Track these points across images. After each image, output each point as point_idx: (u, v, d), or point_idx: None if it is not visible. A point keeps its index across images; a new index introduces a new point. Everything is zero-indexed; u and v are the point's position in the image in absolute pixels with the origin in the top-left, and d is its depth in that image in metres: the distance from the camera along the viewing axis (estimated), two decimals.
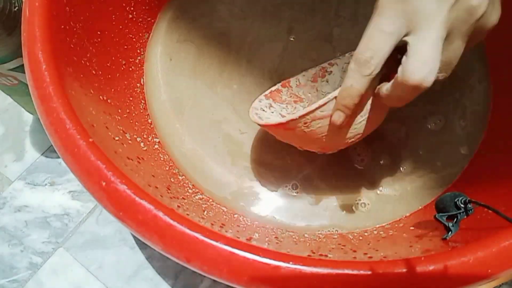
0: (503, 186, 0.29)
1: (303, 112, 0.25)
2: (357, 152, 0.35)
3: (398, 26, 0.21)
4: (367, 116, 0.25)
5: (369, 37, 0.21)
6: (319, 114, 0.25)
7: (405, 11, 0.20)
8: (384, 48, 0.21)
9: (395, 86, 0.22)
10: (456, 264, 0.20)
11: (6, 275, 0.41)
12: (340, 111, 0.23)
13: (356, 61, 0.22)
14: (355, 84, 0.22)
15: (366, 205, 0.33)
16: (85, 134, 0.23)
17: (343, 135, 0.26)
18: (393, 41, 0.21)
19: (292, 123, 0.26)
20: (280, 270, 0.19)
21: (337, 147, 0.28)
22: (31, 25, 0.26)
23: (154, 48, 0.40)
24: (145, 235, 0.21)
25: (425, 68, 0.20)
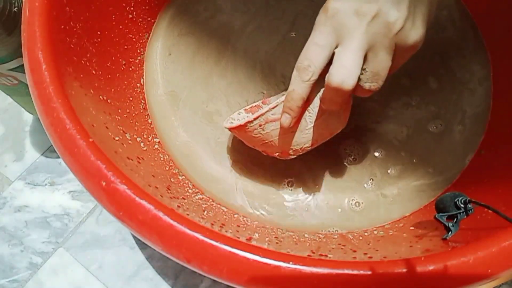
0: (503, 186, 0.29)
1: (256, 114, 0.27)
2: (351, 152, 0.35)
3: (329, 40, 0.24)
4: (317, 122, 0.28)
5: (307, 49, 0.25)
6: (271, 116, 0.27)
7: (334, 27, 0.24)
8: (319, 58, 0.24)
9: (324, 90, 0.25)
10: (456, 264, 0.20)
11: (6, 275, 0.41)
12: (286, 113, 0.26)
13: (297, 68, 0.25)
14: (296, 88, 0.25)
15: (360, 204, 0.33)
16: (85, 134, 0.23)
17: (297, 140, 0.29)
18: (326, 52, 0.24)
19: (249, 125, 0.28)
20: (280, 270, 0.19)
21: (294, 152, 0.30)
22: (31, 25, 0.26)
23: (155, 43, 0.40)
24: (145, 235, 0.21)
25: (344, 72, 0.23)
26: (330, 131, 0.29)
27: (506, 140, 0.33)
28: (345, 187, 0.34)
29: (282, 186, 0.34)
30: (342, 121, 0.29)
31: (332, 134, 0.30)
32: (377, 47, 0.23)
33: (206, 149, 0.36)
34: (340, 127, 0.30)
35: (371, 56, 0.24)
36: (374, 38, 0.23)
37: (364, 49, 0.23)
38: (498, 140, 0.34)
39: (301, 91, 0.25)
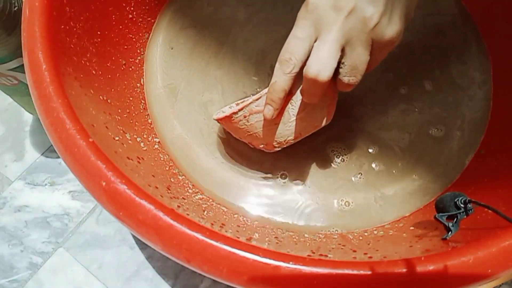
0: (503, 186, 0.29)
1: (241, 106, 0.28)
2: (349, 153, 0.35)
3: (309, 33, 0.25)
4: (300, 116, 0.28)
5: (288, 42, 0.25)
6: (255, 108, 0.28)
7: (313, 21, 0.24)
8: (300, 51, 0.25)
9: (303, 81, 0.25)
10: (456, 264, 0.20)
11: (6, 275, 0.41)
12: (269, 105, 0.27)
13: (279, 61, 0.26)
14: (278, 80, 0.26)
15: (350, 204, 0.33)
16: (85, 134, 0.23)
17: (281, 132, 0.29)
18: (306, 45, 0.25)
19: (234, 116, 0.29)
20: (280, 270, 0.19)
21: (279, 145, 0.30)
22: (31, 25, 0.26)
23: (156, 38, 0.40)
24: (145, 235, 0.21)
25: (319, 63, 0.24)
26: (314, 125, 0.30)
27: (506, 140, 0.33)
28: (343, 187, 0.34)
29: (273, 181, 0.34)
30: (326, 116, 0.30)
31: (315, 128, 0.30)
32: (354, 41, 0.24)
33: (199, 141, 0.36)
34: (324, 122, 0.30)
35: (349, 51, 0.24)
36: (351, 33, 0.24)
37: (340, 42, 0.24)
38: (498, 140, 0.34)
39: (283, 83, 0.26)
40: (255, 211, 0.33)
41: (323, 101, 0.29)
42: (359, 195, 0.33)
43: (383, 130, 0.35)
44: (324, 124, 0.30)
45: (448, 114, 0.36)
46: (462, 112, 0.36)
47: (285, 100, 0.27)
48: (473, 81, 0.37)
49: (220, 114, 0.31)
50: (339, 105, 0.31)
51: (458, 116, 0.36)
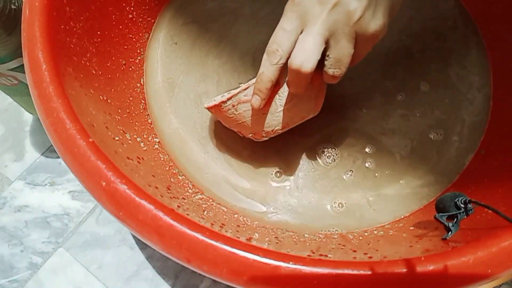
0: (503, 186, 0.29)
1: (229, 95, 0.29)
2: (348, 153, 0.35)
3: (295, 25, 0.25)
4: (287, 106, 0.29)
5: (275, 34, 0.26)
6: (243, 98, 0.29)
7: (299, 14, 0.25)
8: (286, 42, 0.25)
9: (288, 72, 0.26)
10: (456, 264, 0.20)
11: (6, 275, 0.41)
12: (256, 94, 0.28)
13: (267, 52, 0.26)
14: (265, 71, 0.27)
15: (343, 205, 0.33)
16: (85, 134, 0.23)
17: (268, 122, 0.30)
18: (292, 36, 0.25)
19: (223, 104, 0.30)
20: (280, 270, 0.19)
21: (266, 134, 0.31)
22: (31, 25, 0.26)
23: (158, 33, 0.41)
24: (145, 235, 0.21)
25: (302, 55, 0.25)
26: (301, 116, 0.30)
27: (506, 140, 0.33)
28: (337, 187, 0.34)
29: (267, 177, 0.34)
30: (313, 107, 0.30)
31: (303, 119, 0.31)
32: (338, 34, 0.25)
33: (193, 135, 0.36)
34: (312, 113, 0.31)
35: (333, 43, 0.25)
36: (335, 26, 0.24)
37: (324, 35, 0.25)
38: (498, 140, 0.34)
39: (270, 74, 0.27)
40: (244, 207, 0.33)
41: (310, 93, 0.29)
42: (366, 195, 0.33)
43: (381, 134, 0.35)
44: (311, 116, 0.31)
45: (448, 117, 0.36)
46: (462, 116, 0.36)
47: (273, 91, 0.28)
48: (472, 85, 0.37)
49: (210, 102, 0.32)
50: (335, 107, 0.31)
51: (457, 120, 0.36)
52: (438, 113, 0.36)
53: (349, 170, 0.34)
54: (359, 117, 0.36)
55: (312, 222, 0.33)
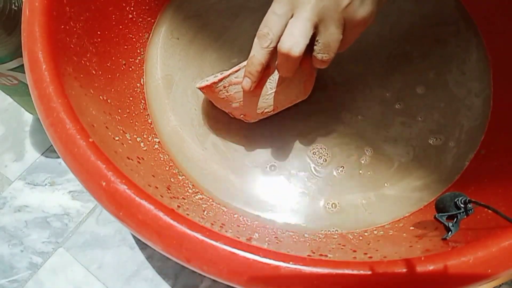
0: (503, 186, 0.29)
1: (221, 76, 0.30)
2: (350, 153, 0.35)
3: (286, 10, 0.26)
4: (276, 90, 0.30)
5: (266, 18, 0.27)
6: (234, 79, 0.30)
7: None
8: (277, 26, 0.26)
9: (277, 56, 0.27)
10: (456, 264, 0.20)
11: (6, 275, 0.41)
12: (247, 77, 0.28)
13: (257, 36, 0.27)
14: (256, 54, 0.27)
15: (336, 206, 0.33)
16: (85, 134, 0.23)
17: (258, 104, 0.31)
18: (283, 21, 0.26)
19: (214, 85, 0.30)
20: (280, 270, 0.19)
21: (256, 116, 0.32)
22: (31, 25, 0.26)
23: (159, 29, 0.41)
24: (145, 235, 0.21)
25: (291, 39, 0.25)
26: (290, 100, 0.32)
27: (506, 140, 0.33)
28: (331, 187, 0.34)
29: (263, 173, 0.34)
30: (303, 91, 0.31)
31: (292, 102, 0.32)
32: (327, 20, 0.25)
33: (190, 132, 0.36)
34: (301, 97, 0.32)
35: (322, 29, 0.26)
36: (324, 12, 0.25)
37: (313, 20, 0.25)
38: (498, 140, 0.34)
39: (260, 57, 0.27)
40: (240, 206, 0.33)
41: (300, 77, 0.30)
42: (366, 195, 0.33)
43: (381, 139, 0.35)
44: (300, 99, 0.32)
45: (447, 122, 0.36)
46: (461, 122, 0.35)
47: (264, 74, 0.29)
48: (471, 91, 0.36)
49: (202, 83, 0.32)
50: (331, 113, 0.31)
51: (456, 125, 0.35)
52: (437, 117, 0.36)
53: (340, 166, 0.34)
54: (354, 122, 0.36)
55: (306, 222, 0.33)
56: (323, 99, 0.36)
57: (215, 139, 0.36)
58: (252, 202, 0.33)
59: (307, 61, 0.28)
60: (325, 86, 0.37)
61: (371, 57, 0.38)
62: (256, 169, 0.34)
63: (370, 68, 0.38)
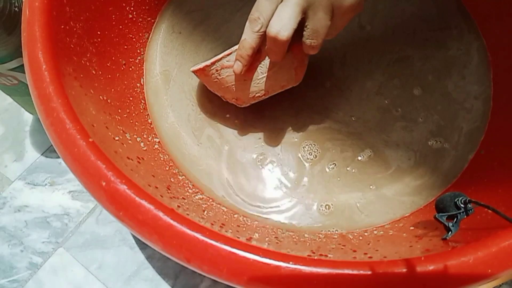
0: (503, 186, 0.29)
1: (213, 60, 0.30)
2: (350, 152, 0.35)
3: None
4: (267, 74, 0.31)
5: (257, 3, 0.27)
6: (226, 63, 0.30)
7: None
8: (267, 11, 0.27)
9: (266, 40, 0.27)
10: (456, 264, 0.20)
11: (6, 275, 0.41)
12: (238, 60, 0.29)
13: (249, 20, 0.28)
14: (247, 38, 0.28)
15: (330, 207, 0.33)
16: (85, 134, 0.23)
17: (250, 88, 0.31)
18: (273, 6, 0.27)
19: (207, 68, 0.31)
20: (280, 270, 0.19)
21: (248, 100, 0.33)
22: (31, 25, 0.26)
23: (160, 25, 0.41)
24: (145, 235, 0.21)
25: (280, 23, 0.26)
26: (281, 85, 0.32)
27: (506, 140, 0.33)
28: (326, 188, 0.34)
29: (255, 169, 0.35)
30: (294, 78, 0.32)
31: (282, 87, 0.32)
32: (316, 6, 0.26)
33: (187, 127, 0.36)
34: (292, 83, 0.32)
35: (311, 15, 0.26)
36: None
37: (302, 5, 0.26)
38: (498, 140, 0.34)
39: (251, 41, 0.28)
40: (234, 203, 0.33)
41: (291, 63, 0.31)
42: (366, 195, 0.33)
43: (379, 142, 0.36)
44: (291, 85, 0.32)
45: (446, 124, 0.35)
46: (459, 124, 0.35)
47: (255, 58, 0.29)
48: (470, 94, 0.36)
49: (196, 66, 0.33)
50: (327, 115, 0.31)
51: (454, 128, 0.35)
52: (437, 118, 0.36)
53: (332, 163, 0.34)
54: (347, 122, 0.36)
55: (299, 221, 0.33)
56: (316, 96, 0.37)
57: (210, 131, 0.36)
58: (246, 198, 0.34)
59: (298, 47, 0.28)
60: (321, 84, 0.37)
61: (373, 62, 0.38)
62: (247, 163, 0.35)
63: (370, 75, 0.37)
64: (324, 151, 0.35)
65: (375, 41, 0.39)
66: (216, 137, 0.36)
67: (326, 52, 0.38)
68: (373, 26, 0.39)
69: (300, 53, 0.30)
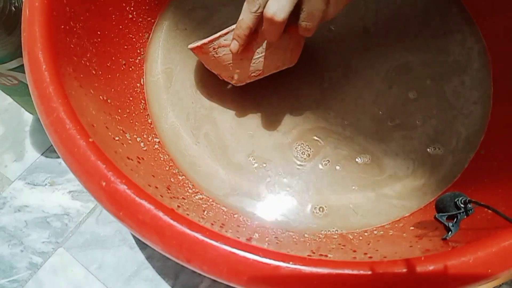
0: (503, 186, 0.29)
1: (210, 38, 0.31)
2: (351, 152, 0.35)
3: None
4: (263, 54, 0.31)
5: None
6: (223, 42, 0.31)
7: None
8: None
9: (263, 20, 0.28)
10: (456, 264, 0.20)
11: (6, 275, 0.41)
12: (235, 40, 0.30)
13: (247, 1, 0.28)
14: (245, 18, 0.28)
15: (324, 209, 0.33)
16: (85, 134, 0.23)
17: (246, 67, 0.32)
18: None
19: (205, 46, 0.31)
20: (280, 270, 0.19)
21: (244, 79, 0.33)
22: (31, 25, 0.26)
23: (162, 21, 0.41)
24: (145, 235, 0.21)
25: (276, 5, 0.26)
26: (276, 65, 0.33)
27: (506, 140, 0.33)
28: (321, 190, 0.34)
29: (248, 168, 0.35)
30: (289, 58, 0.33)
31: (278, 68, 0.33)
32: None
33: (186, 126, 0.36)
34: (287, 64, 0.33)
35: None
36: None
37: None
38: (498, 140, 0.34)
39: (248, 21, 0.28)
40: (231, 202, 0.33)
41: (287, 44, 0.31)
42: (367, 195, 0.33)
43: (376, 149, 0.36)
44: (287, 66, 0.33)
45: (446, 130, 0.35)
46: (458, 129, 0.35)
47: (252, 38, 0.30)
48: (468, 99, 0.36)
49: (193, 44, 0.33)
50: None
51: (453, 132, 0.35)
52: (435, 122, 0.36)
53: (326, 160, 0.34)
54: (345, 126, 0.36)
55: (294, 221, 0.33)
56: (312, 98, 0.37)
57: (208, 128, 0.36)
58: (245, 198, 0.33)
59: (295, 29, 0.29)
60: (319, 85, 0.37)
61: (375, 68, 0.38)
62: (243, 163, 0.35)
63: (370, 84, 0.37)
64: (318, 148, 0.35)
65: (381, 49, 0.39)
66: (213, 136, 0.36)
67: (331, 56, 0.38)
68: (377, 29, 0.39)
69: (296, 35, 0.30)
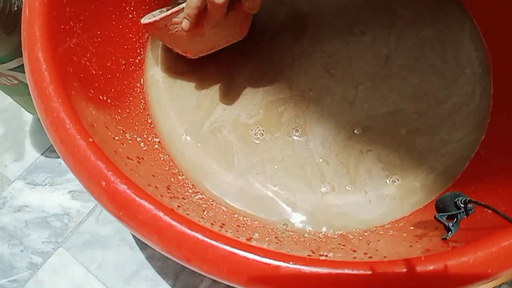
0: (503, 186, 0.29)
1: (162, 15, 0.32)
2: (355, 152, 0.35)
3: None
4: (214, 30, 0.33)
5: None
6: (175, 20, 0.32)
7: None
8: None
9: (207, 1, 0.30)
10: (456, 264, 0.20)
11: (6, 275, 0.41)
12: (186, 18, 0.31)
13: None
14: None
15: (324, 209, 0.33)
16: (85, 134, 0.23)
17: (198, 43, 0.34)
18: None
19: (157, 23, 0.33)
20: (280, 270, 0.19)
21: (196, 53, 0.36)
22: (31, 25, 0.26)
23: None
24: (145, 235, 0.21)
25: None
26: (227, 40, 0.35)
27: (506, 140, 0.33)
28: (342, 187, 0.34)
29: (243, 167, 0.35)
30: (238, 33, 0.35)
31: (228, 42, 0.35)
32: None
33: (187, 127, 0.37)
34: (237, 38, 0.35)
35: None
36: None
37: None
38: (498, 140, 0.34)
39: (196, 1, 0.30)
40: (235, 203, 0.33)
41: (236, 20, 0.33)
42: (368, 195, 0.33)
43: (379, 128, 0.36)
44: (237, 40, 0.35)
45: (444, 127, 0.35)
46: (458, 129, 0.35)
47: (202, 16, 0.32)
48: (468, 99, 0.36)
49: (146, 19, 0.34)
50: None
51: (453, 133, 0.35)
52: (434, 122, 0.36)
53: (322, 160, 0.34)
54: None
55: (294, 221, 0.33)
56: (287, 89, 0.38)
57: (206, 126, 0.37)
58: (245, 198, 0.33)
59: (241, 6, 0.31)
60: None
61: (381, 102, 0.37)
62: (243, 163, 0.35)
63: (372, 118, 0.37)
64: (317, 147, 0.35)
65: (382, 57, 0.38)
66: (213, 136, 0.36)
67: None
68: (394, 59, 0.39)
69: (243, 12, 0.32)
